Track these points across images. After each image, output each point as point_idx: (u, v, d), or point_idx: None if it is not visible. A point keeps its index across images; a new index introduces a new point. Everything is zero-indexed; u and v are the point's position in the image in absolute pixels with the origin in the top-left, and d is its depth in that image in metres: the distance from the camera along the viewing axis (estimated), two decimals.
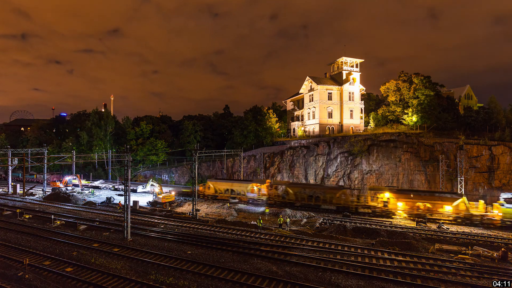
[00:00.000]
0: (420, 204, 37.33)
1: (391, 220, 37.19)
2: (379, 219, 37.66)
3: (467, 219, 34.85)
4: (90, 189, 57.34)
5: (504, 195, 35.11)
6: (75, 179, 60.88)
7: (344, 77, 71.58)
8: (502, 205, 34.07)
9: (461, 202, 35.47)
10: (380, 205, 39.22)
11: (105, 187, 60.64)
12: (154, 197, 46.41)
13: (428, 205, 36.96)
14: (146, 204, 46.21)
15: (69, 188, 58.17)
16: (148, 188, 51.38)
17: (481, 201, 37.22)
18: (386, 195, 39.30)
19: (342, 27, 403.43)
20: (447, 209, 35.94)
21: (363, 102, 73.43)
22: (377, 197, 40.44)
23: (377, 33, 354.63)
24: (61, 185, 58.68)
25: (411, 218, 37.10)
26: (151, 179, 50.56)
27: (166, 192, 47.56)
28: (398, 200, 38.52)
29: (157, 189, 47.27)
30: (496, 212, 34.28)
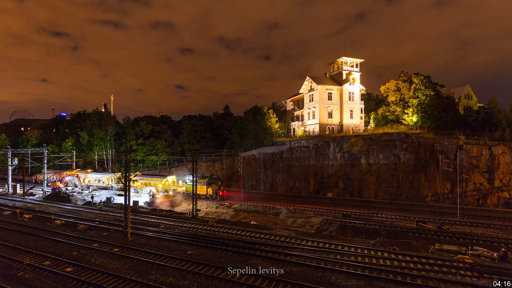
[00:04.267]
0: (147, 182, 54.55)
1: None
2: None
3: (165, 191, 52.23)
4: (90, 189, 57.45)
5: (188, 176, 52.02)
6: (75, 178, 60.89)
7: (344, 77, 71.53)
8: (186, 182, 51.98)
9: (165, 181, 54.65)
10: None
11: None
12: (151, 197, 46.76)
13: (154, 183, 53.84)
14: (143, 204, 46.53)
15: (69, 188, 58.23)
16: (145, 189, 52.26)
17: (175, 180, 56.43)
18: (136, 177, 55.34)
19: None
20: (159, 185, 53.35)
21: (363, 102, 73.39)
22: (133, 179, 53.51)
23: None
24: (61, 185, 58.71)
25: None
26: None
27: (163, 192, 47.99)
28: (138, 181, 55.34)
29: (154, 189, 47.72)
30: (184, 188, 52.38)
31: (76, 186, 60.09)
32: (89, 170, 65.94)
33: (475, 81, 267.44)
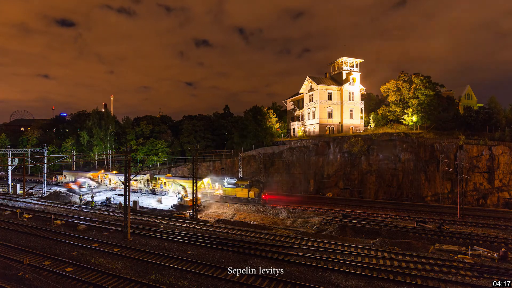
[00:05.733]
0: (183, 184, 50.57)
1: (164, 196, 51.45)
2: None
3: (203, 193, 50.13)
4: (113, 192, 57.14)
5: (226, 179, 49.95)
6: (88, 180, 59.77)
7: (344, 77, 71.55)
8: (224, 185, 49.22)
9: (200, 183, 49.80)
10: (158, 186, 54.02)
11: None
12: (179, 200, 44.69)
13: (185, 184, 50.18)
14: (170, 207, 44.43)
15: (83, 189, 56.85)
16: (172, 190, 50.01)
17: (210, 182, 52.82)
18: (163, 179, 54.00)
19: None
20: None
21: (363, 102, 73.39)
22: (158, 182, 54.33)
23: None
24: (75, 187, 57.82)
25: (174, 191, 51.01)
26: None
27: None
28: (169, 183, 52.81)
29: (182, 191, 45.83)
30: (221, 191, 49.89)
31: (90, 187, 59.18)
32: (114, 172, 62.32)
33: (475, 81, 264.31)
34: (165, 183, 53.38)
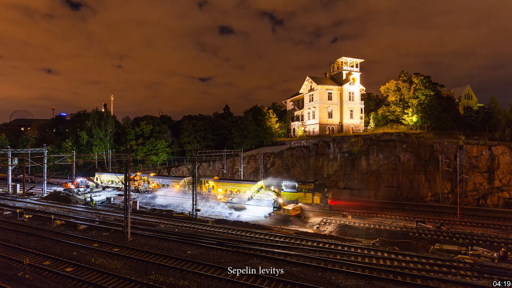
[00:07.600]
0: (232, 188, 48.34)
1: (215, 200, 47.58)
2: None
3: (258, 198, 44.56)
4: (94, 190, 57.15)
5: (284, 182, 46.87)
6: (86, 180, 59.77)
7: (344, 77, 71.55)
8: (282, 189, 45.47)
9: (255, 186, 46.01)
10: (205, 189, 50.77)
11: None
12: (276, 209, 38.51)
13: (236, 189, 47.74)
14: (264, 217, 38.90)
15: (81, 189, 56.75)
16: (258, 196, 44.18)
17: (263, 185, 47.74)
18: (211, 183, 50.34)
19: None
20: (248, 193, 45.52)
21: (363, 102, 73.39)
22: (206, 185, 51.21)
23: None
24: (72, 186, 57.81)
25: (225, 195, 48.11)
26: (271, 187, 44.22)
27: (292, 203, 40.49)
28: (218, 186, 49.54)
29: (280, 199, 40.04)
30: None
31: (88, 187, 58.63)
32: (152, 174, 58.05)
33: (475, 81, 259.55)
34: (213, 187, 49.52)
